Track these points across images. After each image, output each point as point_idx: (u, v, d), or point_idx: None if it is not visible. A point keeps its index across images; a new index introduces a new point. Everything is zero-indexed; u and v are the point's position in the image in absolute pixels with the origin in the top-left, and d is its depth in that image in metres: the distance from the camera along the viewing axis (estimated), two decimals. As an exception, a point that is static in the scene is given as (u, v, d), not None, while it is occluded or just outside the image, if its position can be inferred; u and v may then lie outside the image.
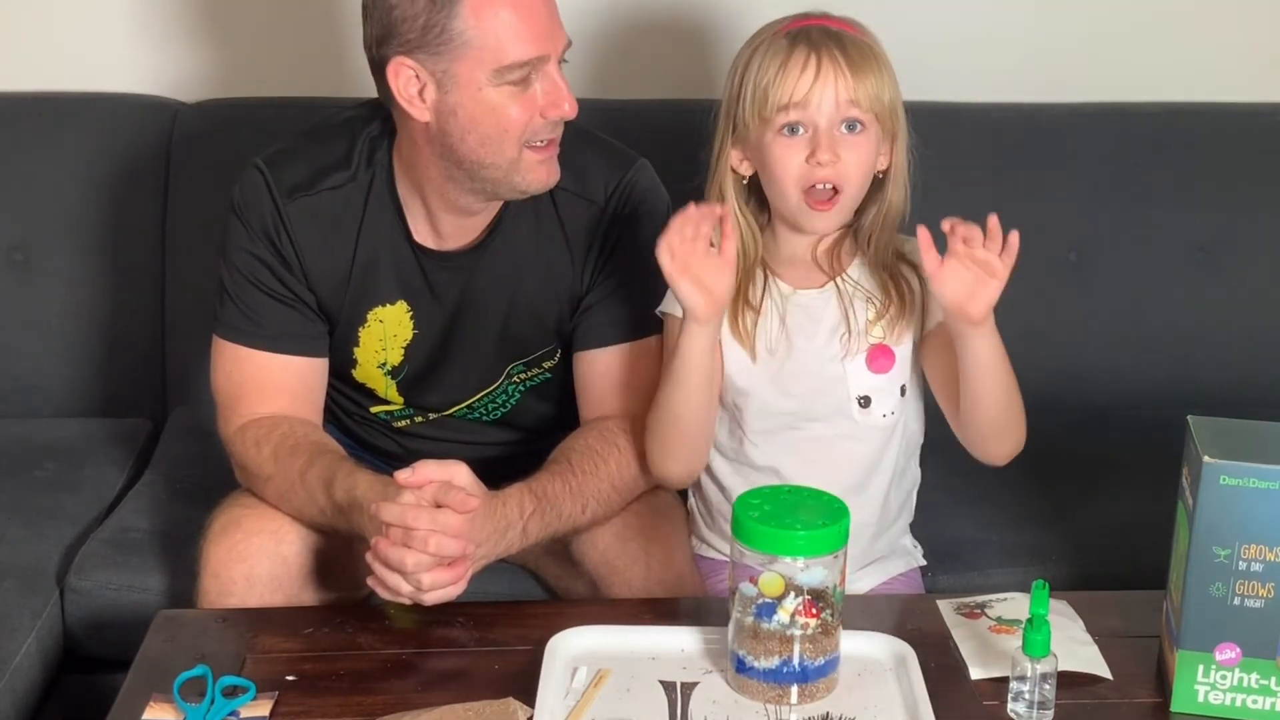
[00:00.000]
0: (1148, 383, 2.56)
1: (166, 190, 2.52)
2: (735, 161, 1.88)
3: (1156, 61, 2.71)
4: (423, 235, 1.93)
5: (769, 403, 1.89)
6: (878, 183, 1.88)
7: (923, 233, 1.71)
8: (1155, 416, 2.12)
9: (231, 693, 1.56)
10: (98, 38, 2.64)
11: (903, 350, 1.88)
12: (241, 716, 1.54)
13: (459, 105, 1.78)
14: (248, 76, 2.65)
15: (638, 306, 1.94)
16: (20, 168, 2.53)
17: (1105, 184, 2.58)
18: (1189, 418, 1.57)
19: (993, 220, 1.70)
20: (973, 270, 1.71)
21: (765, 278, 1.89)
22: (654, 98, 2.61)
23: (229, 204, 1.93)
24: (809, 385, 1.88)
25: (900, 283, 1.88)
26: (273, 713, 1.55)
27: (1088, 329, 2.57)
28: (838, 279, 1.89)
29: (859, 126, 1.81)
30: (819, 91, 1.79)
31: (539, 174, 1.82)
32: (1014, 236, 1.70)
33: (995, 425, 1.84)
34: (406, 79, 1.79)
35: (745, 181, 1.90)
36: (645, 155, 1.98)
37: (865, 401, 1.88)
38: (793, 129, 1.81)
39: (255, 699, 1.56)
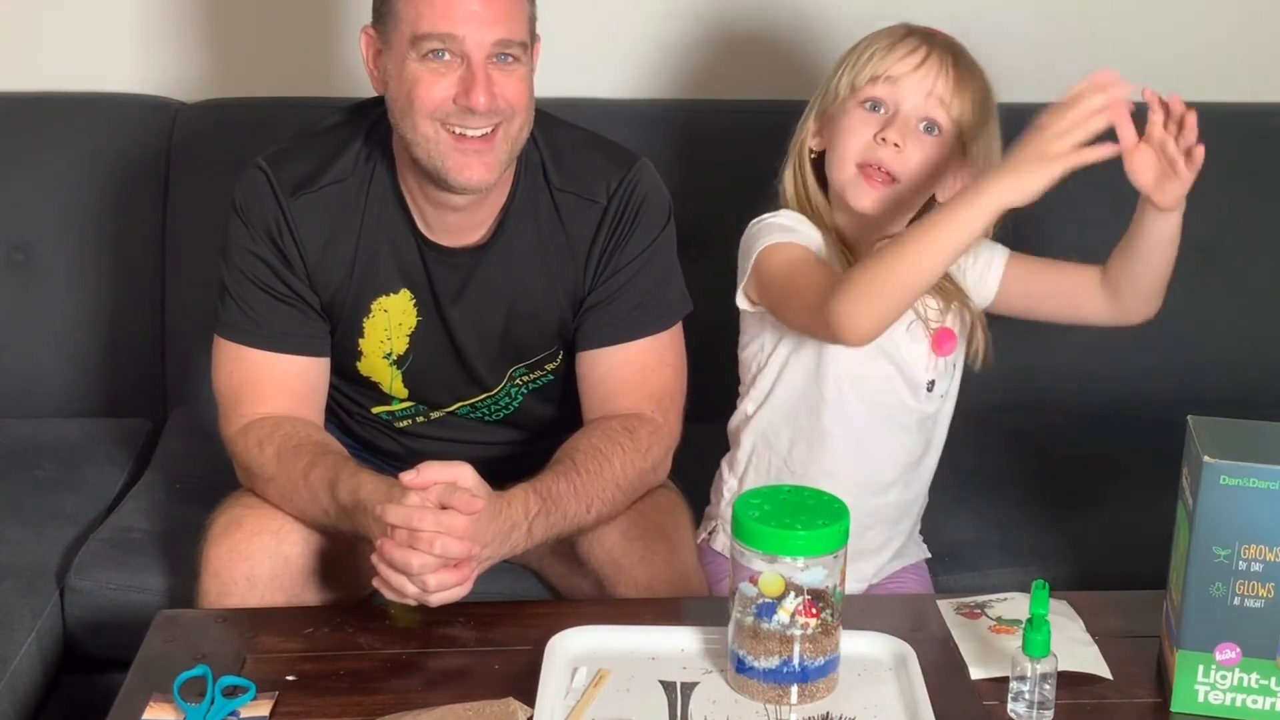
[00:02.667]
0: (1148, 383, 2.56)
1: (166, 190, 2.52)
2: (810, 134, 1.93)
3: (1157, 61, 2.70)
4: (424, 228, 1.93)
5: (853, 373, 1.93)
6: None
7: (1117, 105, 1.70)
8: (1155, 416, 2.13)
9: (231, 693, 1.56)
10: (98, 38, 2.64)
11: (962, 330, 1.95)
12: (241, 716, 1.54)
13: (390, 75, 1.84)
14: (248, 76, 2.65)
15: (639, 306, 1.94)
16: (20, 168, 2.53)
17: (1105, 184, 2.57)
18: (1189, 418, 1.58)
19: (1175, 102, 1.73)
20: (1161, 163, 1.74)
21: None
22: (658, 98, 2.62)
23: (230, 204, 1.93)
24: (883, 369, 1.92)
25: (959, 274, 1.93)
26: (273, 713, 1.55)
27: (1088, 329, 2.57)
28: None
29: (937, 130, 1.85)
30: (917, 78, 1.84)
31: (456, 161, 1.81)
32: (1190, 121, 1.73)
33: (1156, 286, 1.90)
34: (367, 45, 1.88)
35: (813, 156, 1.93)
36: (647, 155, 1.98)
37: (931, 385, 1.94)
38: (875, 105, 1.85)
39: (255, 699, 1.56)
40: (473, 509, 1.66)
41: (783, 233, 1.89)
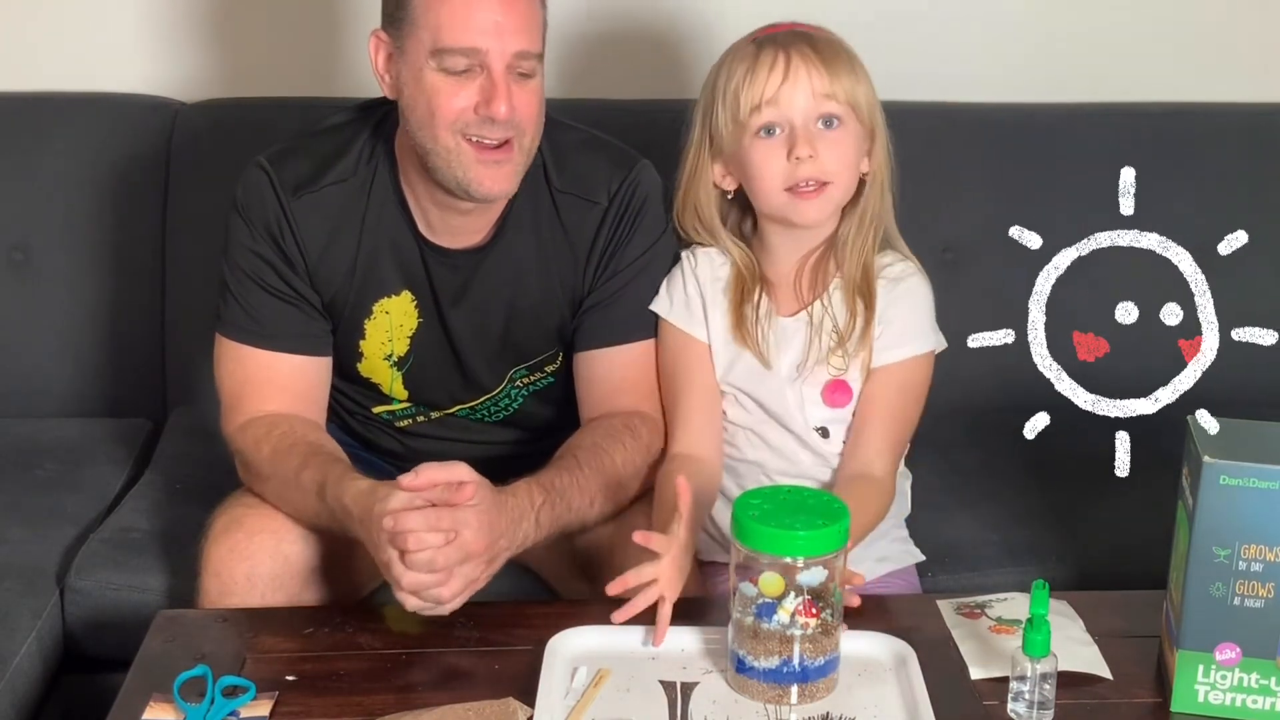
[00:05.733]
0: (1148, 383, 2.55)
1: (166, 190, 2.52)
2: (718, 177, 1.89)
3: (1156, 61, 2.71)
4: (426, 229, 1.93)
5: (745, 409, 1.92)
6: (858, 189, 1.88)
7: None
8: (1155, 416, 2.12)
9: (231, 693, 1.56)
10: (98, 38, 2.64)
11: (859, 375, 1.88)
12: (241, 716, 1.54)
13: (405, 83, 1.83)
14: (248, 76, 2.65)
15: (640, 307, 1.95)
16: (20, 168, 2.53)
17: (1105, 184, 2.57)
18: (1189, 418, 1.58)
19: None
20: None
21: (760, 295, 1.91)
22: (653, 98, 2.61)
23: (231, 203, 1.93)
24: (776, 410, 1.91)
25: (871, 304, 1.87)
26: (273, 713, 1.55)
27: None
28: (810, 308, 1.90)
29: (836, 122, 1.81)
30: (790, 87, 1.79)
31: (478, 173, 1.81)
32: None
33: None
34: (377, 48, 1.86)
35: (730, 197, 1.91)
36: (645, 156, 1.98)
37: (825, 433, 1.90)
38: (769, 130, 1.81)
39: (255, 699, 1.56)
40: (463, 496, 1.66)
41: (670, 308, 1.92)
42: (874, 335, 1.87)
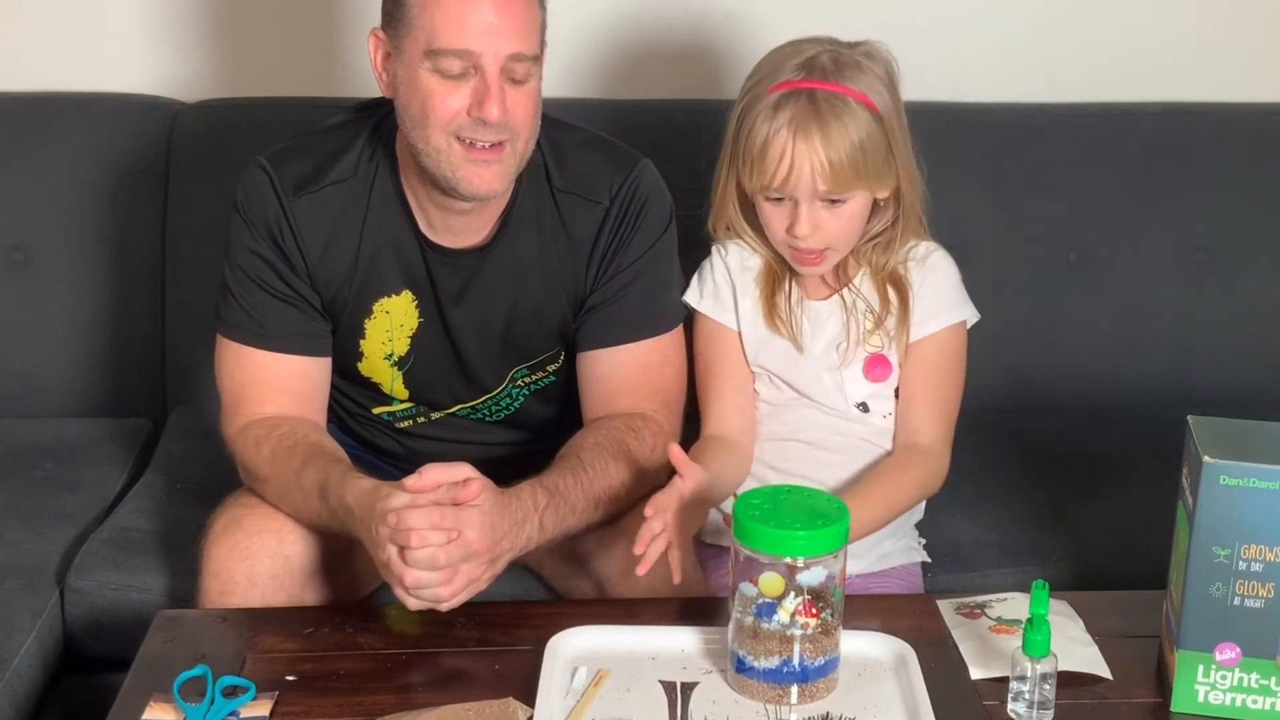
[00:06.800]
0: (1148, 382, 2.56)
1: (166, 190, 2.52)
2: (744, 186, 1.92)
3: (1156, 61, 2.71)
4: (427, 229, 1.93)
5: (777, 388, 1.96)
6: (879, 204, 1.90)
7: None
8: (1155, 416, 2.13)
9: (231, 693, 1.56)
10: (98, 38, 2.64)
11: (897, 358, 1.93)
12: (241, 716, 1.54)
13: (402, 82, 1.83)
14: (248, 76, 2.65)
15: (642, 307, 1.95)
16: (20, 168, 2.53)
17: (1105, 184, 2.58)
18: (1189, 418, 1.58)
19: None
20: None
21: (790, 284, 1.95)
22: (654, 98, 2.61)
23: (232, 203, 1.93)
24: (810, 390, 1.94)
25: (903, 290, 1.92)
26: (273, 713, 1.55)
27: (1088, 329, 2.58)
28: (843, 291, 1.93)
29: (839, 195, 1.85)
30: (795, 177, 1.83)
31: (467, 172, 1.81)
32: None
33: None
34: (376, 47, 1.86)
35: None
36: (647, 155, 1.98)
37: (864, 408, 1.94)
38: (777, 199, 1.86)
39: (255, 699, 1.56)
40: (470, 494, 1.66)
41: (699, 298, 1.97)
42: (914, 304, 1.92)
